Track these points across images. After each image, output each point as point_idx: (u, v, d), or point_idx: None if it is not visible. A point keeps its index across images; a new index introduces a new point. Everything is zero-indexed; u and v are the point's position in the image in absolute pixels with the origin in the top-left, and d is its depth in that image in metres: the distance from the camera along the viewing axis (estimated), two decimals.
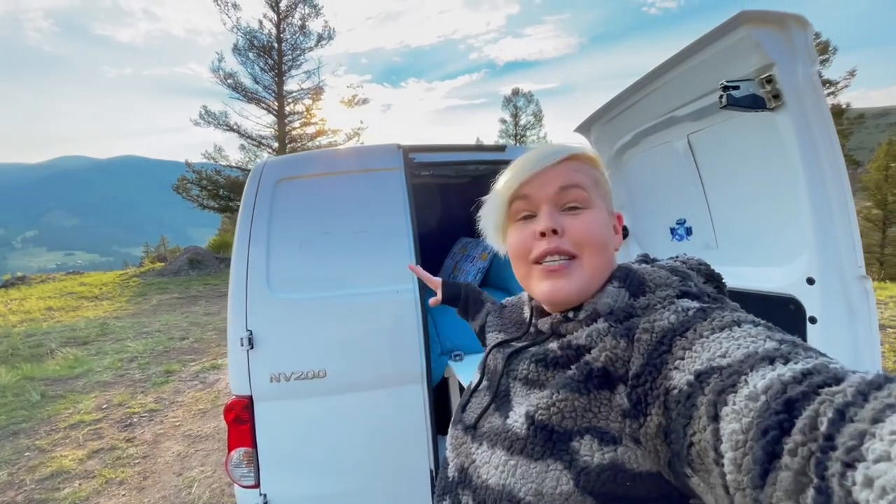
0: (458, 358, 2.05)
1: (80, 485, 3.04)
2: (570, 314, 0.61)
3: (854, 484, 0.26)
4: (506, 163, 2.29)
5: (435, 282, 1.24)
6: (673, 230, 1.74)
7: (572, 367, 0.55)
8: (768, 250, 1.35)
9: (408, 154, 1.92)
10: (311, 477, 1.72)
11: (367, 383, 1.74)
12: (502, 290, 2.54)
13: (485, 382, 0.70)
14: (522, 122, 30.07)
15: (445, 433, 2.17)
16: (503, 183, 0.66)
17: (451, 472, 0.64)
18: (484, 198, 0.71)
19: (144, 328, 7.52)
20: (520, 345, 0.66)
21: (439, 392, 2.05)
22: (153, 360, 5.78)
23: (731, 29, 1.11)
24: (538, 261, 0.61)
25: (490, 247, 2.50)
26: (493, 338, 0.78)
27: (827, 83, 21.30)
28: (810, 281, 1.15)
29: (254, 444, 1.67)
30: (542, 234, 0.60)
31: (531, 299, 0.71)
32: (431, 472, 1.78)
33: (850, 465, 0.27)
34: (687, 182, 1.61)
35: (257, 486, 1.67)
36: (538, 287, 0.62)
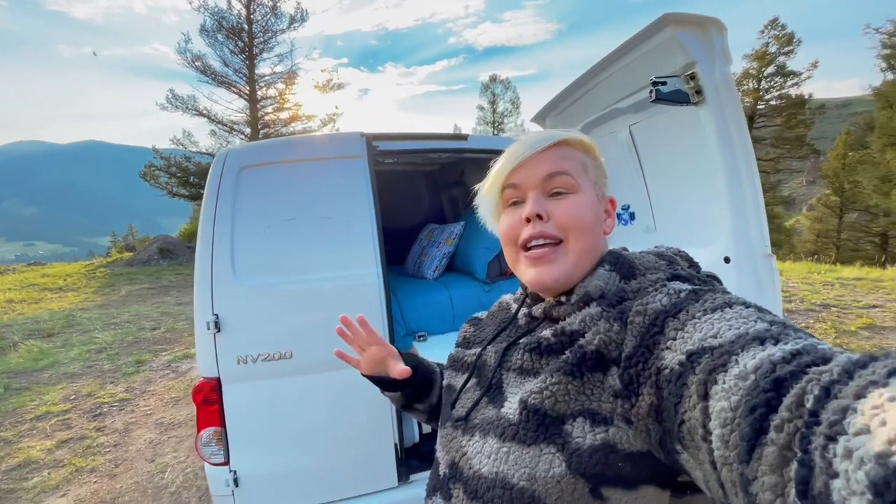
0: (422, 339, 2.15)
1: (49, 474, 3.03)
2: (563, 298, 0.62)
3: (835, 456, 0.27)
4: (468, 151, 2.35)
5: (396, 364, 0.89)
6: (619, 215, 1.86)
7: (566, 351, 0.55)
8: (697, 232, 1.48)
9: (371, 142, 1.97)
10: (280, 453, 1.79)
11: (332, 363, 1.79)
12: (467, 275, 2.64)
13: (473, 380, 0.70)
14: (500, 109, 30.09)
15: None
16: (495, 171, 0.67)
17: (442, 469, 0.65)
18: (478, 186, 0.73)
19: (113, 319, 7.34)
20: (512, 338, 0.67)
21: None
22: (123, 351, 5.69)
23: (657, 30, 1.21)
24: (525, 245, 0.63)
25: (455, 232, 2.62)
26: (477, 347, 0.77)
27: (791, 74, 22.04)
28: (727, 260, 1.29)
29: (222, 424, 1.72)
30: (528, 220, 0.62)
31: (524, 289, 0.73)
32: (396, 445, 1.87)
33: (832, 439, 0.27)
34: (630, 170, 1.72)
35: (227, 463, 1.73)
36: (525, 274, 0.64)
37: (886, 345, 4.25)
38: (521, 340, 0.64)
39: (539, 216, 0.61)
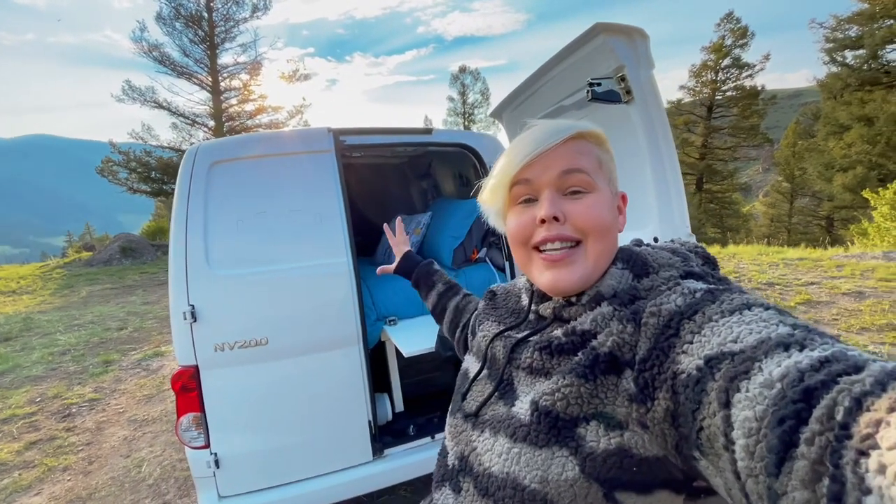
0: (392, 323, 2.28)
1: (20, 474, 3.00)
2: (573, 298, 0.61)
3: (867, 471, 0.26)
4: (433, 145, 2.50)
5: (400, 251, 1.27)
6: None
7: (579, 353, 0.54)
8: (632, 219, 1.66)
9: (338, 137, 2.06)
10: (259, 434, 1.89)
11: (306, 348, 1.91)
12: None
13: (485, 371, 0.70)
14: (470, 100, 30.22)
15: (381, 391, 2.40)
16: (503, 165, 0.63)
17: (451, 459, 0.64)
18: (483, 181, 0.70)
19: (75, 321, 7.10)
20: (521, 335, 0.65)
21: (377, 353, 2.27)
22: (88, 352, 5.55)
23: (591, 37, 1.37)
24: (539, 247, 0.60)
25: (423, 222, 2.80)
26: (488, 327, 0.75)
27: (746, 66, 23.10)
28: (655, 240, 1.47)
29: (202, 409, 1.79)
30: (543, 221, 0.59)
31: (531, 285, 0.70)
32: (370, 423, 2.00)
33: (864, 453, 0.27)
34: None
35: (207, 446, 1.81)
36: (540, 277, 0.61)
37: (820, 318, 4.68)
38: (530, 339, 0.63)
39: (556, 218, 0.58)
